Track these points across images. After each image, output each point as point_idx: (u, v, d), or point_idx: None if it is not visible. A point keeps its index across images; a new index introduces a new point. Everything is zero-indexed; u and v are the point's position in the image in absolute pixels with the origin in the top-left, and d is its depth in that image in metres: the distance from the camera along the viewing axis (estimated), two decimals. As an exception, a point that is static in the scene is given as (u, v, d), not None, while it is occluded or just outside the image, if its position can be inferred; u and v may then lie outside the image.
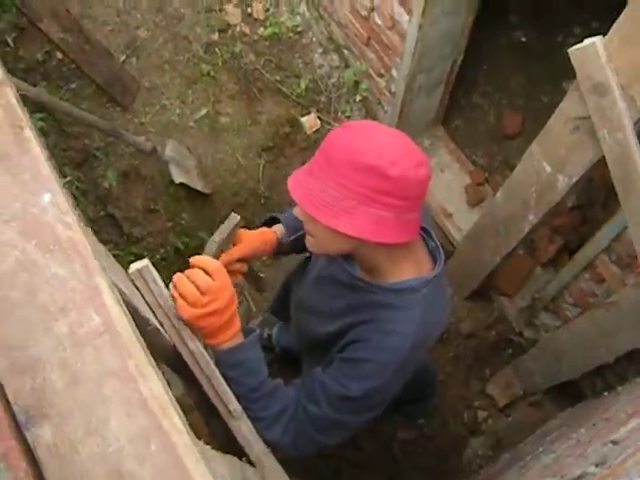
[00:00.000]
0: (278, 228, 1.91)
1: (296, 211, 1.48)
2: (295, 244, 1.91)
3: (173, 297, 1.35)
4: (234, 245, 1.73)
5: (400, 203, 1.36)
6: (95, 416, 0.78)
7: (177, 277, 1.36)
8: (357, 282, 1.58)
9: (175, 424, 0.77)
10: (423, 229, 1.62)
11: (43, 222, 0.86)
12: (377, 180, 1.32)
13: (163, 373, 1.79)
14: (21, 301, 0.83)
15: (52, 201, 0.87)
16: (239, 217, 1.67)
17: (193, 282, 1.36)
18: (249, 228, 1.83)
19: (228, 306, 1.41)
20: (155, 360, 0.90)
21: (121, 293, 1.12)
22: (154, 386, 0.78)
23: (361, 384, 1.49)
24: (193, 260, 1.41)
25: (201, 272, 1.37)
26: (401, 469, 3.21)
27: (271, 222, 1.96)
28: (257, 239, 1.81)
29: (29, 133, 0.91)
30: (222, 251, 1.69)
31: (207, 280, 1.37)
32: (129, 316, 0.86)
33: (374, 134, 1.39)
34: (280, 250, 1.91)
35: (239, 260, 1.75)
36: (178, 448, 0.76)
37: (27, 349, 0.81)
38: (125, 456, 0.76)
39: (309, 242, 1.53)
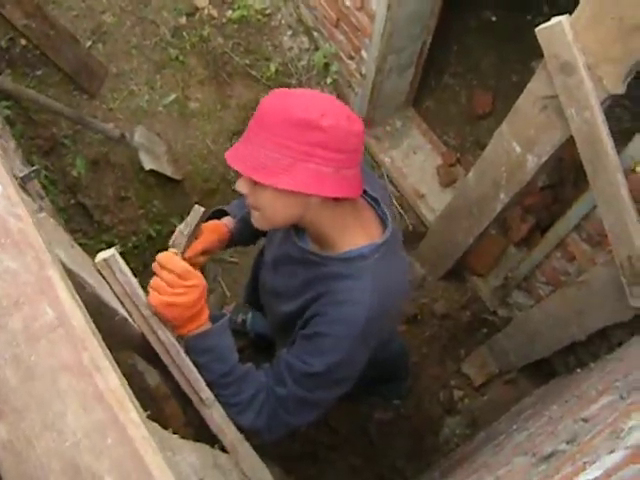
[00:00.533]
0: (227, 220, 1.91)
1: (238, 185, 1.47)
2: (242, 232, 1.93)
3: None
4: (196, 238, 1.72)
5: (337, 156, 1.37)
6: (51, 411, 0.77)
7: (155, 267, 1.45)
8: (309, 256, 1.59)
9: (132, 417, 0.76)
10: (371, 197, 1.63)
11: (-7, 215, 0.84)
12: (311, 133, 1.34)
13: (136, 363, 1.79)
14: (-28, 296, 0.81)
15: (2, 193, 0.85)
16: (203, 209, 1.65)
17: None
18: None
19: (198, 300, 1.44)
20: (124, 350, 0.89)
21: (85, 283, 1.11)
22: (110, 379, 0.77)
23: (322, 359, 1.49)
24: (161, 260, 1.44)
25: (169, 274, 1.42)
26: (378, 450, 3.23)
27: (219, 215, 1.95)
28: (214, 231, 1.81)
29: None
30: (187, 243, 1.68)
31: (175, 279, 1.42)
32: (84, 309, 0.84)
33: (302, 93, 1.41)
34: (232, 241, 1.93)
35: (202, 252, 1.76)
36: (135, 441, 0.75)
37: (-21, 345, 0.79)
38: (82, 450, 0.75)
39: (255, 218, 1.52)
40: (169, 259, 1.43)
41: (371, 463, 3.21)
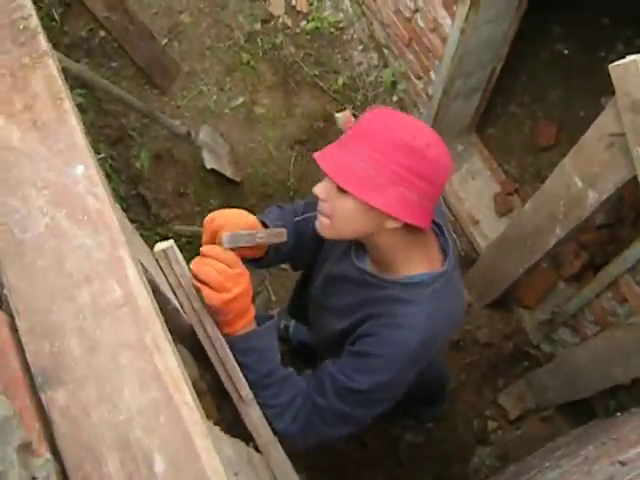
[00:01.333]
0: None
1: (319, 189, 1.45)
2: (278, 249, 1.78)
3: (196, 287, 1.36)
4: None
5: (426, 187, 1.37)
6: (109, 384, 0.80)
7: (196, 265, 1.36)
8: (367, 277, 1.59)
9: (186, 399, 0.79)
10: (436, 224, 1.63)
11: (74, 192, 0.88)
12: (413, 159, 1.34)
13: (184, 355, 1.82)
14: (48, 267, 0.85)
15: (84, 173, 0.89)
16: (285, 234, 1.60)
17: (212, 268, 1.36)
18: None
19: (247, 289, 1.42)
20: (173, 340, 0.92)
21: (145, 270, 1.15)
22: (169, 360, 0.80)
23: (368, 378, 1.50)
24: (206, 250, 1.40)
25: (219, 260, 1.37)
26: (406, 472, 3.21)
27: None
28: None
29: (68, 105, 0.93)
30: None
31: (226, 268, 1.37)
32: (150, 291, 0.88)
33: (408, 117, 1.41)
34: (265, 258, 1.77)
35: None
36: (187, 423, 0.77)
37: (50, 314, 0.83)
38: (134, 426, 0.78)
39: (322, 225, 1.49)
40: (213, 249, 1.39)
41: (397, 484, 3.20)
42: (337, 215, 1.44)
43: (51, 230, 0.86)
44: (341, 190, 1.38)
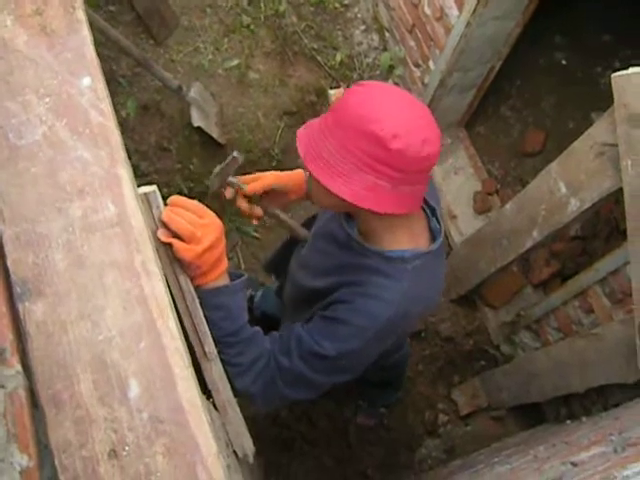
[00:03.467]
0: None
1: (301, 162, 1.45)
2: None
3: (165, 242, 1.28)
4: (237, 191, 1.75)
5: (397, 175, 1.35)
6: (91, 302, 0.77)
7: (167, 215, 1.26)
8: (352, 243, 1.58)
9: (169, 326, 0.77)
10: (428, 206, 1.62)
11: (77, 104, 0.85)
12: (377, 149, 1.32)
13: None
14: (41, 176, 0.82)
15: (91, 86, 0.86)
16: (240, 159, 1.67)
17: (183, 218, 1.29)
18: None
19: (219, 239, 1.37)
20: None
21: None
22: (156, 285, 0.78)
23: (335, 344, 1.49)
24: (174, 200, 1.33)
25: (188, 208, 1.32)
26: (352, 453, 3.22)
27: None
28: (289, 178, 1.85)
29: (81, 15, 0.89)
30: (222, 187, 1.70)
31: (196, 218, 1.31)
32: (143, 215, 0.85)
33: (389, 101, 1.36)
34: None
35: (263, 196, 1.80)
36: (167, 350, 0.75)
37: (37, 224, 0.80)
38: (113, 347, 0.75)
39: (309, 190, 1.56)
40: (177, 201, 1.33)
41: (342, 465, 3.20)
42: (313, 188, 1.49)
43: (48, 139, 0.83)
44: None
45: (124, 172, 0.83)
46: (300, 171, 1.90)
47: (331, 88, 3.63)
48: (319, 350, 1.50)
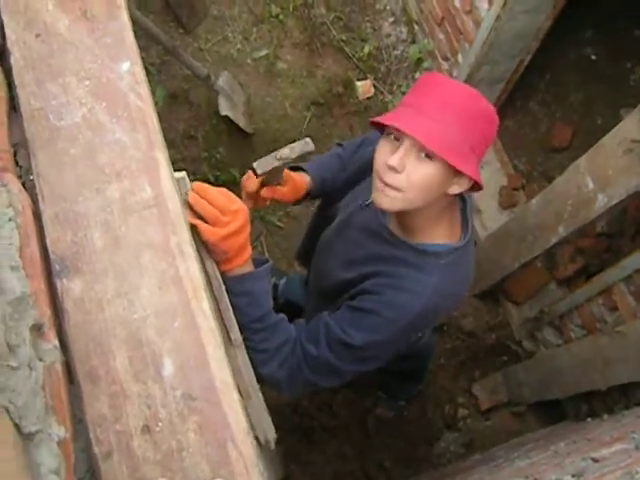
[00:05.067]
0: (305, 176, 1.88)
1: (394, 161, 1.38)
2: (316, 195, 1.96)
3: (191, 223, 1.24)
4: (279, 184, 1.73)
5: (486, 148, 1.43)
6: (127, 282, 0.79)
7: (192, 198, 1.23)
8: (386, 234, 1.59)
9: (203, 307, 0.78)
10: (463, 199, 1.63)
11: (117, 87, 0.87)
12: (488, 126, 1.40)
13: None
14: (80, 157, 0.84)
15: (130, 70, 0.87)
16: (312, 145, 1.62)
17: (210, 203, 1.26)
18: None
19: (245, 225, 1.34)
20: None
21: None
22: (191, 267, 0.79)
23: (363, 335, 1.50)
24: (198, 187, 1.28)
25: (217, 194, 1.28)
26: (371, 445, 3.23)
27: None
28: (301, 189, 1.82)
29: (121, 1, 0.91)
30: (281, 170, 1.65)
31: (224, 200, 1.28)
32: (181, 197, 0.86)
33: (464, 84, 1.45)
34: (302, 199, 1.93)
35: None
36: (201, 330, 0.77)
37: (75, 203, 0.82)
38: (148, 325, 0.77)
39: (390, 199, 1.44)
40: (207, 186, 1.29)
41: (361, 456, 3.22)
42: (416, 185, 1.40)
43: (88, 121, 0.85)
44: (420, 159, 1.37)
45: (161, 155, 0.84)
46: (302, 174, 1.86)
47: (358, 80, 3.63)
48: (346, 339, 1.51)
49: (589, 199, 2.39)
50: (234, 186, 3.21)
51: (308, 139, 1.62)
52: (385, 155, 1.41)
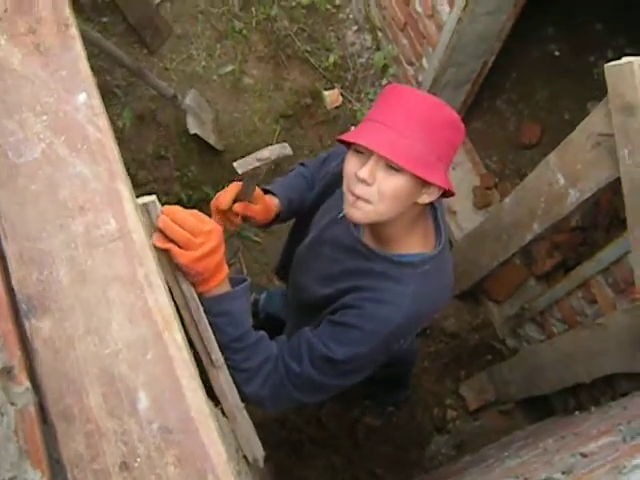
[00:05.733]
0: (275, 199, 1.89)
1: (365, 173, 1.39)
2: (285, 217, 1.98)
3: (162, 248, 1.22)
4: (250, 201, 1.73)
5: (453, 155, 1.44)
6: (96, 317, 0.78)
7: (163, 222, 1.19)
8: (360, 247, 1.60)
9: (175, 338, 0.77)
10: (433, 207, 1.63)
11: (74, 120, 0.86)
12: (455, 132, 1.40)
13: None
14: (41, 193, 0.83)
15: (86, 102, 0.86)
16: (291, 151, 1.65)
17: (181, 226, 1.23)
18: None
19: (219, 245, 1.33)
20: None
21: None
22: (160, 297, 0.79)
23: (346, 349, 1.50)
24: (168, 210, 1.23)
25: (188, 216, 1.25)
26: (361, 454, 3.23)
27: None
28: (271, 210, 1.84)
29: (74, 32, 0.90)
30: (259, 177, 1.66)
31: (195, 222, 1.26)
32: (144, 227, 0.85)
33: (426, 93, 1.46)
34: (272, 223, 1.95)
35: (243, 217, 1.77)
36: (174, 361, 0.76)
37: (40, 241, 0.81)
38: (120, 360, 0.76)
39: (361, 211, 1.45)
40: (177, 209, 1.25)
41: (352, 465, 3.21)
42: (386, 197, 1.41)
43: (47, 156, 0.84)
44: (389, 172, 1.38)
45: (123, 187, 0.83)
46: (271, 197, 1.87)
47: (326, 89, 3.64)
48: (330, 355, 1.51)
49: (561, 195, 2.40)
50: (207, 204, 3.20)
51: (285, 144, 1.65)
52: (355, 168, 1.42)
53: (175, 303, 1.43)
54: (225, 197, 1.68)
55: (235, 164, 1.56)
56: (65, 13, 0.92)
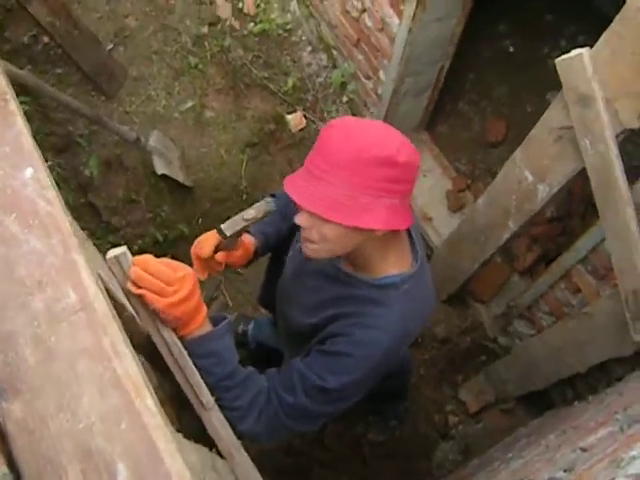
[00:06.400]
0: (251, 238, 1.93)
1: (300, 220, 1.44)
2: (263, 251, 2.02)
3: (137, 295, 1.26)
4: (234, 249, 1.77)
5: (404, 187, 1.40)
6: (67, 392, 0.77)
7: (135, 274, 1.23)
8: (341, 275, 1.61)
9: (147, 404, 0.77)
10: None
11: (23, 196, 0.85)
12: (387, 169, 1.34)
13: (142, 363, 1.78)
14: (-2, 274, 0.82)
15: (33, 176, 0.86)
16: (275, 205, 1.67)
17: (152, 275, 1.26)
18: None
19: (194, 290, 1.35)
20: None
21: (99, 278, 1.11)
22: (128, 365, 0.78)
23: (339, 377, 1.50)
24: (139, 261, 1.26)
25: (160, 266, 1.28)
26: (371, 470, 3.21)
27: None
28: (250, 250, 1.88)
29: (14, 106, 0.90)
30: (241, 233, 1.70)
31: (167, 271, 1.28)
32: (106, 295, 0.85)
33: (366, 128, 1.40)
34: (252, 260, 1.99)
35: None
36: (149, 428, 0.75)
37: (2, 322, 0.80)
38: (95, 433, 0.75)
39: (312, 250, 1.51)
40: (148, 259, 1.28)
41: (363, 483, 3.20)
42: (328, 239, 1.44)
43: (0, 235, 0.83)
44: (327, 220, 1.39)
45: (79, 257, 0.83)
46: (246, 235, 1.90)
47: (288, 113, 3.65)
48: (323, 384, 1.51)
49: (530, 191, 2.42)
50: (184, 241, 3.21)
51: (269, 198, 1.67)
52: (295, 212, 1.47)
53: (157, 350, 1.43)
54: (205, 248, 1.69)
55: (223, 226, 1.59)
56: (2, 87, 0.92)
